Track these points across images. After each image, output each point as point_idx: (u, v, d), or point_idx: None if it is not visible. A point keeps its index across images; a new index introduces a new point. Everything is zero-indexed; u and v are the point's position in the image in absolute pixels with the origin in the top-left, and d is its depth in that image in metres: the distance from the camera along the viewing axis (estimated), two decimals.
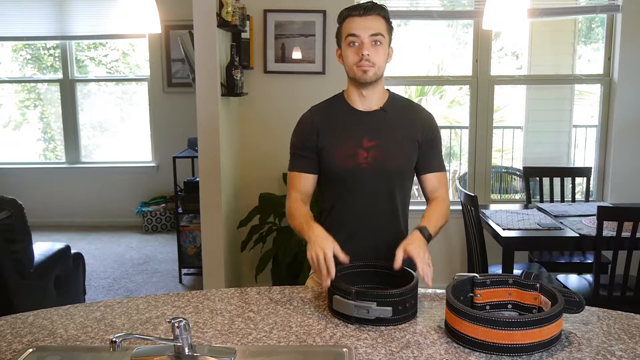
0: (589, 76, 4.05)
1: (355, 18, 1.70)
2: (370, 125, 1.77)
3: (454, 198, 4.83)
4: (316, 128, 1.79)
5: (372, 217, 1.79)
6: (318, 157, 1.80)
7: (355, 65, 1.71)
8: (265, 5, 3.72)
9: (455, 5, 3.93)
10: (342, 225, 1.80)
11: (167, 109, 5.78)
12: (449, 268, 3.99)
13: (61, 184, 5.95)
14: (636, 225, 2.61)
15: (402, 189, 1.82)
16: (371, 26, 1.68)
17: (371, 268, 1.65)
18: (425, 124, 1.82)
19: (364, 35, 1.68)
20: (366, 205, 1.78)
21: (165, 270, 4.58)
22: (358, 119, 1.78)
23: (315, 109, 1.87)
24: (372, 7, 1.70)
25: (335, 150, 1.76)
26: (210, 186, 3.37)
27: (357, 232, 1.79)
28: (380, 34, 1.69)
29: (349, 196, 1.78)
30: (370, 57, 1.68)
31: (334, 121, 1.80)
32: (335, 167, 1.76)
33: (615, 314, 1.48)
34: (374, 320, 1.40)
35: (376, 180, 1.76)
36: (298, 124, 1.86)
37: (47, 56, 6.09)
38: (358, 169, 1.74)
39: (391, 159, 1.75)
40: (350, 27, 1.70)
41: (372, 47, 1.69)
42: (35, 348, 1.31)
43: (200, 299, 1.60)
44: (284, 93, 3.79)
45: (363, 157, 1.74)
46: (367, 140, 1.75)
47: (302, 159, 1.82)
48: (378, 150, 1.74)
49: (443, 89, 6.74)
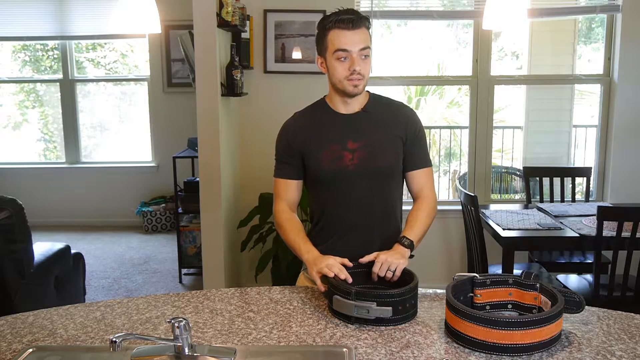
0: (589, 76, 4.05)
1: (345, 32, 1.68)
2: (354, 127, 1.78)
3: (454, 198, 4.85)
4: (300, 134, 1.80)
5: (364, 218, 1.79)
6: (303, 163, 1.81)
7: (346, 80, 1.70)
8: (265, 5, 3.72)
9: (455, 5, 3.93)
10: (335, 228, 1.81)
11: (167, 109, 5.78)
12: (449, 268, 3.99)
13: (61, 184, 5.95)
14: (636, 225, 2.61)
15: (391, 186, 1.82)
16: (360, 40, 1.68)
17: (371, 268, 1.65)
18: (407, 120, 1.82)
19: (354, 50, 1.68)
20: (357, 206, 1.78)
21: (165, 270, 4.58)
22: (341, 122, 1.79)
23: (297, 116, 1.88)
24: (359, 19, 1.69)
25: (321, 154, 1.76)
26: (210, 186, 3.37)
27: (350, 233, 1.80)
28: (367, 46, 1.70)
29: (339, 198, 1.79)
30: (361, 71, 1.69)
31: (317, 126, 1.80)
32: (322, 171, 1.77)
33: (615, 314, 1.48)
34: (374, 320, 1.40)
35: (364, 181, 1.76)
36: (281, 131, 1.86)
37: (45, 58, 6.08)
38: (345, 171, 1.75)
39: (377, 158, 1.76)
40: (339, 41, 1.68)
41: (362, 61, 1.69)
42: (35, 348, 1.31)
43: (200, 299, 1.60)
44: (284, 93, 3.79)
45: (349, 159, 1.75)
46: (351, 142, 1.76)
47: (287, 165, 1.83)
48: (363, 151, 1.75)
49: (443, 89, 6.75)
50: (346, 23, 1.67)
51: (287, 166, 1.83)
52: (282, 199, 1.84)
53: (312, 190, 1.87)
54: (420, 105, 6.76)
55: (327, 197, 1.81)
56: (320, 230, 1.84)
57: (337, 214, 1.80)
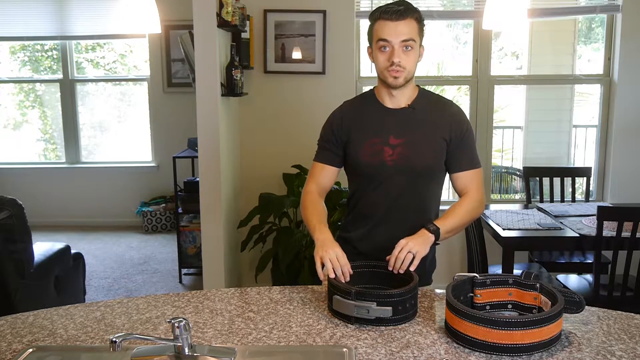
0: (589, 76, 4.05)
1: (388, 22, 1.68)
2: (398, 123, 1.78)
3: (454, 198, 4.84)
4: (345, 124, 1.83)
5: (396, 212, 1.80)
6: (344, 152, 1.84)
7: (386, 70, 1.71)
8: (265, 5, 3.72)
9: (455, 5, 3.93)
10: (366, 217, 1.84)
11: (167, 109, 5.78)
12: (449, 268, 3.99)
13: (61, 184, 5.95)
14: (636, 225, 2.61)
15: (429, 186, 1.82)
16: (403, 32, 1.67)
17: (372, 268, 1.65)
18: (454, 119, 1.80)
19: (395, 41, 1.67)
20: (390, 200, 1.79)
21: (165, 270, 4.58)
22: (386, 116, 1.79)
23: (345, 105, 1.90)
24: (405, 10, 1.68)
25: (362, 146, 1.78)
26: (210, 186, 3.37)
27: (380, 225, 1.81)
28: (411, 39, 1.68)
29: (374, 191, 1.80)
30: (400, 63, 1.68)
31: (362, 118, 1.82)
32: (361, 162, 1.79)
33: (615, 314, 1.48)
34: (374, 320, 1.40)
35: (401, 177, 1.77)
36: (329, 119, 1.89)
37: (44, 58, 6.08)
38: (384, 165, 1.76)
39: (417, 156, 1.75)
40: (381, 31, 1.68)
41: (402, 52, 1.68)
42: (35, 348, 1.31)
43: (200, 299, 1.60)
44: (284, 93, 3.79)
45: (389, 155, 1.75)
46: (393, 138, 1.76)
47: (327, 151, 1.86)
48: (404, 148, 1.75)
49: (443, 89, 6.74)
50: (390, 14, 1.67)
51: (328, 152, 1.86)
52: (315, 181, 1.87)
53: (350, 179, 1.90)
54: None
55: (362, 187, 1.84)
56: (352, 219, 1.88)
57: (369, 205, 1.82)
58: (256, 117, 3.83)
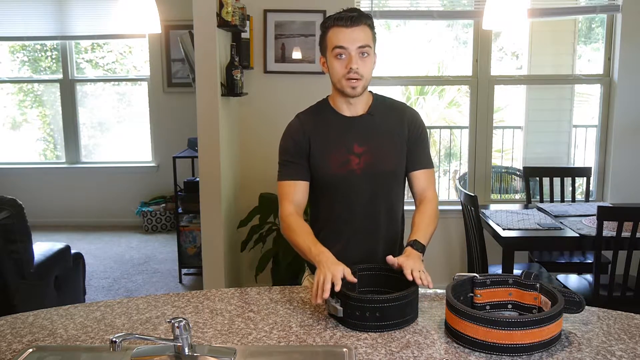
0: (589, 76, 4.05)
1: (342, 29, 1.66)
2: (359, 131, 1.76)
3: (454, 198, 4.84)
4: (307, 135, 1.77)
5: (369, 221, 1.78)
6: (309, 165, 1.77)
7: (344, 79, 1.68)
8: (265, 5, 3.72)
9: (455, 5, 3.93)
10: (339, 231, 1.79)
11: (167, 109, 5.78)
12: (449, 268, 3.99)
13: (61, 184, 5.95)
14: (636, 225, 2.61)
15: (396, 189, 1.82)
16: (358, 38, 1.66)
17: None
18: (410, 121, 1.81)
19: (352, 48, 1.66)
20: (362, 209, 1.77)
21: (165, 270, 4.58)
22: (346, 125, 1.77)
23: (302, 116, 1.84)
24: (359, 17, 1.67)
25: (329, 157, 1.75)
26: (210, 186, 3.37)
27: (354, 236, 1.78)
28: (367, 45, 1.67)
29: (344, 202, 1.77)
30: (358, 70, 1.67)
31: (323, 128, 1.78)
32: (330, 174, 1.75)
33: (615, 314, 1.48)
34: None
35: (370, 184, 1.75)
36: (287, 131, 1.81)
37: (44, 58, 6.08)
38: (352, 174, 1.74)
39: (382, 162, 1.75)
40: (337, 38, 1.67)
41: (360, 59, 1.67)
42: (35, 348, 1.31)
43: (200, 299, 1.60)
44: (284, 93, 3.79)
45: (356, 163, 1.74)
46: (357, 146, 1.75)
47: (294, 166, 1.77)
48: (369, 155, 1.74)
49: (443, 89, 6.74)
50: (345, 20, 1.66)
51: (294, 166, 1.76)
52: (290, 201, 1.75)
53: (315, 195, 1.82)
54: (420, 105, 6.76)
55: (330, 201, 1.79)
56: (323, 238, 1.73)
57: (342, 218, 1.78)
58: (256, 117, 3.83)
